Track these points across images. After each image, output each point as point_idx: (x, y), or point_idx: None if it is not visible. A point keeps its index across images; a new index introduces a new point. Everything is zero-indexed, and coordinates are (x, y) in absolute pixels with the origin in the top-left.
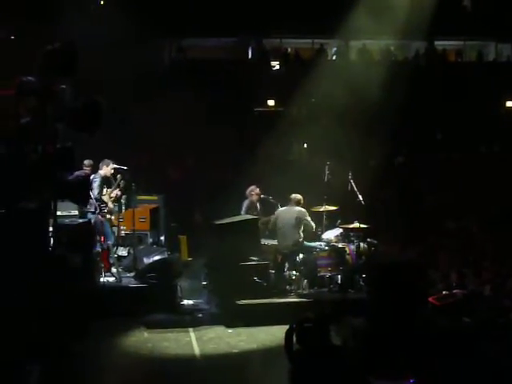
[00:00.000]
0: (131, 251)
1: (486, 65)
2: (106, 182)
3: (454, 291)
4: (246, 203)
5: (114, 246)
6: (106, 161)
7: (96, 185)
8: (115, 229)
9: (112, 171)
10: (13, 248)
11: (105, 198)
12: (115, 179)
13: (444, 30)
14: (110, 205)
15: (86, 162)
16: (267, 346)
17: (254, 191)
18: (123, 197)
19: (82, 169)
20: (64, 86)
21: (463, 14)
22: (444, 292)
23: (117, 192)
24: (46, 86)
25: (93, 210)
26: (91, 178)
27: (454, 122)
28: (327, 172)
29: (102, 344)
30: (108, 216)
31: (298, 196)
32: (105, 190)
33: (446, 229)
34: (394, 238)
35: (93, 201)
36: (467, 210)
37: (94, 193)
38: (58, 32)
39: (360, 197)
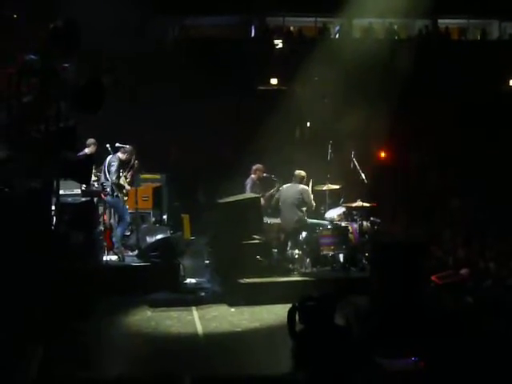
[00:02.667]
0: (134, 230)
1: (490, 43)
2: (123, 165)
3: (458, 270)
4: (249, 182)
5: (129, 224)
6: (128, 148)
7: (114, 169)
8: None
9: (130, 156)
10: (16, 226)
11: (121, 181)
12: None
13: (447, 9)
14: (127, 187)
15: (90, 140)
16: (270, 325)
17: (258, 169)
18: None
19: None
20: (67, 65)
21: None
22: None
23: (131, 174)
24: (48, 64)
25: (110, 192)
26: (108, 160)
27: (457, 101)
28: (330, 151)
29: (105, 322)
30: (125, 198)
31: (302, 173)
32: (121, 173)
33: (449, 207)
34: (397, 216)
35: (108, 183)
36: (471, 189)
37: (112, 177)
38: (61, 10)
39: (363, 175)
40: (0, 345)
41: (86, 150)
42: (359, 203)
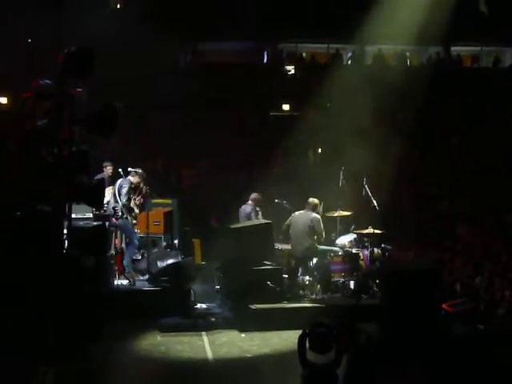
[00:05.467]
0: (145, 255)
1: (503, 70)
2: (133, 189)
3: (469, 298)
4: (249, 208)
5: (139, 247)
6: (139, 172)
7: (125, 191)
8: None
9: (140, 180)
10: (28, 250)
11: (131, 204)
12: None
13: (460, 36)
14: (136, 210)
15: (107, 163)
16: (280, 351)
17: (257, 198)
18: None
19: (101, 170)
20: (80, 89)
21: (480, 19)
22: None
23: (140, 198)
24: (62, 89)
25: (119, 214)
26: (119, 183)
27: (470, 128)
28: (342, 177)
29: (116, 347)
30: (134, 221)
31: (316, 200)
32: (131, 195)
33: (459, 234)
34: (408, 243)
35: (119, 205)
36: (481, 216)
37: (122, 199)
38: (75, 35)
39: (374, 202)
40: (12, 368)
41: (104, 173)
42: (370, 230)
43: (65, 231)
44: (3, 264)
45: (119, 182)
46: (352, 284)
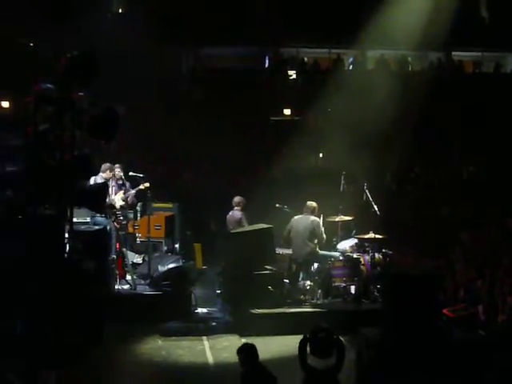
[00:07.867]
0: (146, 259)
1: (504, 76)
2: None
3: (470, 303)
4: (240, 215)
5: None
6: (108, 165)
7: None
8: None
9: (110, 173)
10: (29, 254)
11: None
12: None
13: (462, 41)
14: (118, 204)
15: (105, 166)
16: (281, 356)
17: (242, 200)
18: (139, 204)
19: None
20: (82, 94)
21: (481, 25)
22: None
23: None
24: (64, 93)
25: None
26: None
27: (472, 134)
28: (343, 182)
29: (117, 351)
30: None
31: (314, 204)
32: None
33: (461, 240)
34: (409, 248)
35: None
36: (483, 222)
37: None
38: (76, 40)
39: (375, 207)
40: (13, 372)
41: (102, 174)
42: (371, 235)
43: (66, 235)
44: (4, 267)
45: (92, 179)
46: (353, 289)
